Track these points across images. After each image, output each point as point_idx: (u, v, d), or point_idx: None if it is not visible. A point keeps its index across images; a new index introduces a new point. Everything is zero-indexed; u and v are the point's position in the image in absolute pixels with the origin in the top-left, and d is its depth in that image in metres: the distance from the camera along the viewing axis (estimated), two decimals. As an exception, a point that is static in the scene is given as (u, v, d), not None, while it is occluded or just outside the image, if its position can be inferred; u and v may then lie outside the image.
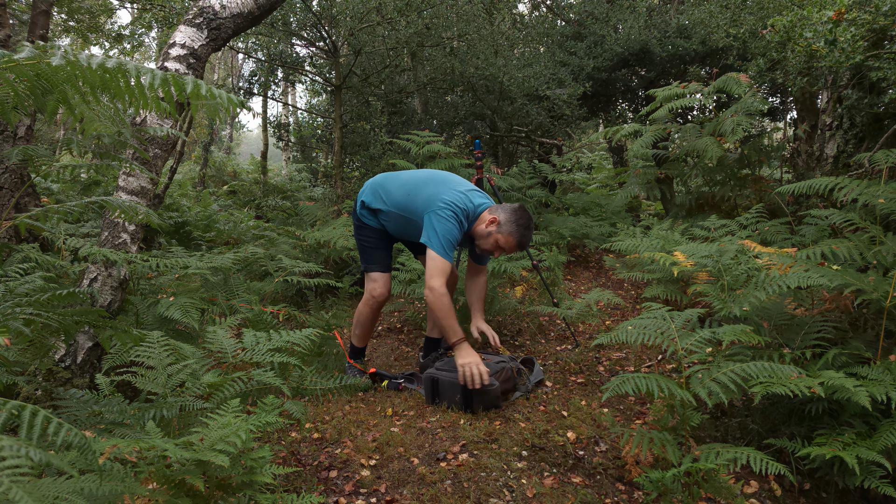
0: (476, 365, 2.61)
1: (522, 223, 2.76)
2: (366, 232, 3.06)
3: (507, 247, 2.77)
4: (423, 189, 2.82)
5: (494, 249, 2.80)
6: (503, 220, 2.76)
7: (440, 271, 2.67)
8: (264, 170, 13.83)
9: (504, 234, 2.75)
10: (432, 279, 2.67)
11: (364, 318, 3.12)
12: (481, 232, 2.80)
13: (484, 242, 2.80)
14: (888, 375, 1.97)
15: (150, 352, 1.96)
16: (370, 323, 3.14)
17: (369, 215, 3.03)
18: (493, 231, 2.77)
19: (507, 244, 2.76)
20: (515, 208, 2.79)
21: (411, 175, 2.97)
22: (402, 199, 2.89)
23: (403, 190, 2.90)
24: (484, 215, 2.81)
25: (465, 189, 2.84)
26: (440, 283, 2.67)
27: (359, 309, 3.13)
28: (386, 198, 2.94)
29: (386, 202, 2.94)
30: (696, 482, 1.93)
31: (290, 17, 7.30)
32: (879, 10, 3.25)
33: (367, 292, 3.09)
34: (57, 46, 1.17)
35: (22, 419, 0.94)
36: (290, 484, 2.09)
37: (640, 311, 3.07)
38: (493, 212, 2.80)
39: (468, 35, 6.90)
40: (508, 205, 2.83)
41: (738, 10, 6.07)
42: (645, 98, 8.10)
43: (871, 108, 4.33)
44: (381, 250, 3.07)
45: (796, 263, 2.41)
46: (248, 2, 2.97)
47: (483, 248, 2.83)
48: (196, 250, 5.55)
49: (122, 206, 1.92)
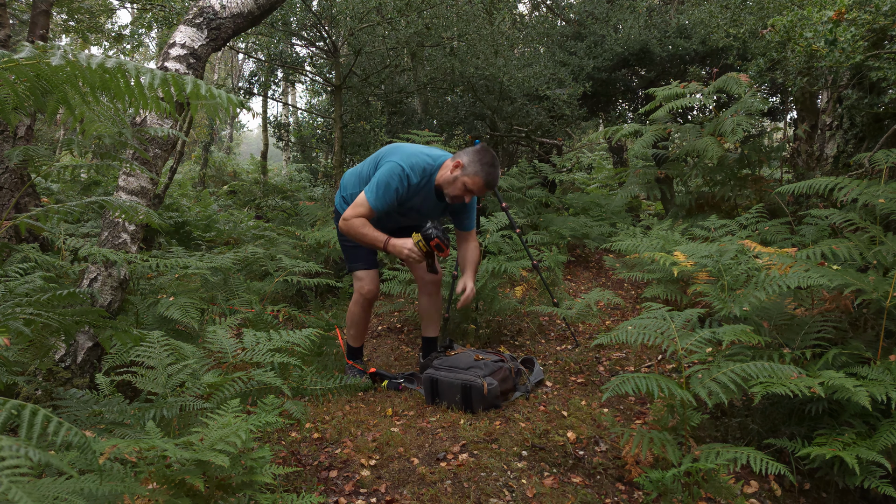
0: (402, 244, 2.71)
1: (487, 161, 2.73)
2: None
3: (475, 188, 2.73)
4: (388, 156, 2.82)
5: (464, 194, 2.76)
6: (467, 162, 2.72)
7: (356, 205, 2.73)
8: (264, 170, 13.84)
9: (470, 175, 2.72)
10: (347, 212, 2.74)
11: (356, 317, 3.11)
12: (447, 178, 2.77)
13: (452, 189, 2.77)
14: (888, 375, 1.97)
15: (150, 352, 1.96)
16: (363, 322, 3.14)
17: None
18: (458, 175, 2.74)
19: (474, 185, 2.72)
20: (478, 149, 2.76)
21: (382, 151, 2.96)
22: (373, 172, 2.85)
23: (374, 162, 2.88)
24: (447, 163, 2.80)
25: (426, 150, 2.84)
26: (351, 214, 2.73)
27: (350, 309, 3.12)
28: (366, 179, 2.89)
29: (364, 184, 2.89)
30: (696, 482, 1.93)
31: (290, 17, 7.29)
32: (879, 10, 3.25)
33: (355, 292, 3.08)
34: (57, 46, 1.17)
35: (22, 419, 0.94)
36: (290, 484, 2.09)
37: (640, 311, 3.07)
38: (455, 157, 2.77)
39: (468, 35, 6.90)
40: (471, 147, 2.78)
41: (738, 10, 6.07)
42: (645, 98, 8.09)
43: (871, 108, 4.33)
44: (363, 248, 3.02)
45: (796, 263, 2.41)
46: (248, 2, 2.96)
47: (452, 195, 2.79)
48: (196, 250, 5.55)
49: (123, 206, 1.92)
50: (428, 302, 3.21)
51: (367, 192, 2.74)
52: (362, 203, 2.74)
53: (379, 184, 2.72)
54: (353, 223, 2.75)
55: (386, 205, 2.74)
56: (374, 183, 2.73)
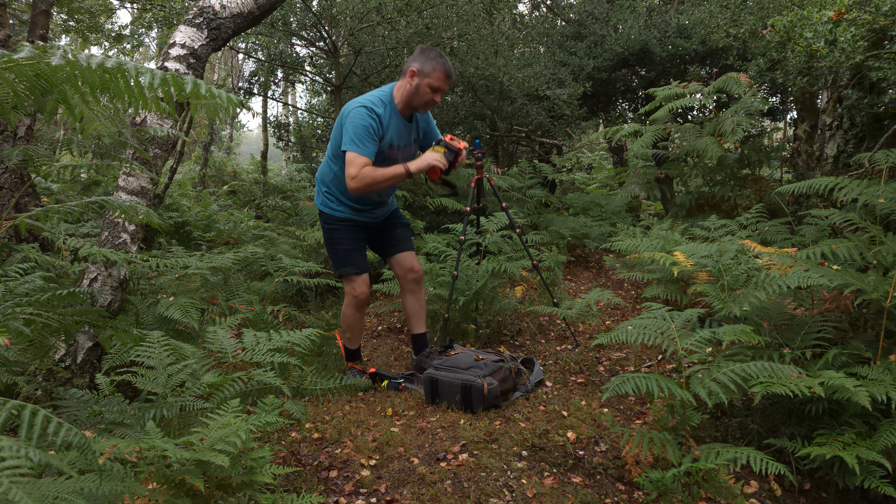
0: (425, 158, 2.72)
1: (434, 55, 2.73)
2: (338, 231, 2.97)
3: (440, 82, 2.73)
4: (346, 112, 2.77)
5: (432, 95, 2.75)
6: (420, 66, 2.71)
7: (350, 164, 2.65)
8: (264, 170, 13.83)
9: (428, 73, 2.71)
10: (347, 172, 2.65)
11: (351, 320, 3.08)
12: (409, 91, 2.75)
13: (418, 97, 2.76)
14: (888, 375, 1.97)
15: (150, 352, 1.96)
16: (359, 324, 3.12)
17: (334, 202, 2.94)
18: (418, 81, 2.73)
19: (438, 80, 2.72)
20: (421, 50, 2.76)
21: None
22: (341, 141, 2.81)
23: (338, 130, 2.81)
24: (399, 84, 2.79)
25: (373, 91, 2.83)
26: (355, 171, 2.65)
27: (344, 313, 3.08)
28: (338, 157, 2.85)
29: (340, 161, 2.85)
30: (696, 482, 1.93)
31: (290, 17, 7.29)
32: (879, 10, 3.25)
33: (347, 295, 3.03)
34: (56, 46, 1.17)
35: (22, 419, 0.94)
36: (290, 484, 2.09)
37: (640, 311, 3.07)
38: (404, 73, 2.76)
39: (468, 35, 6.89)
40: (414, 53, 2.78)
41: (738, 10, 6.07)
42: (645, 98, 8.09)
43: (871, 108, 4.33)
44: (355, 251, 3.01)
45: (796, 263, 2.41)
46: (248, 2, 2.96)
47: (423, 102, 2.78)
48: (196, 250, 5.55)
49: (123, 206, 1.92)
50: (412, 300, 3.21)
51: (349, 147, 2.66)
52: (352, 159, 2.65)
53: (356, 133, 2.66)
54: (363, 175, 2.65)
55: (371, 148, 2.69)
56: (350, 135, 2.67)
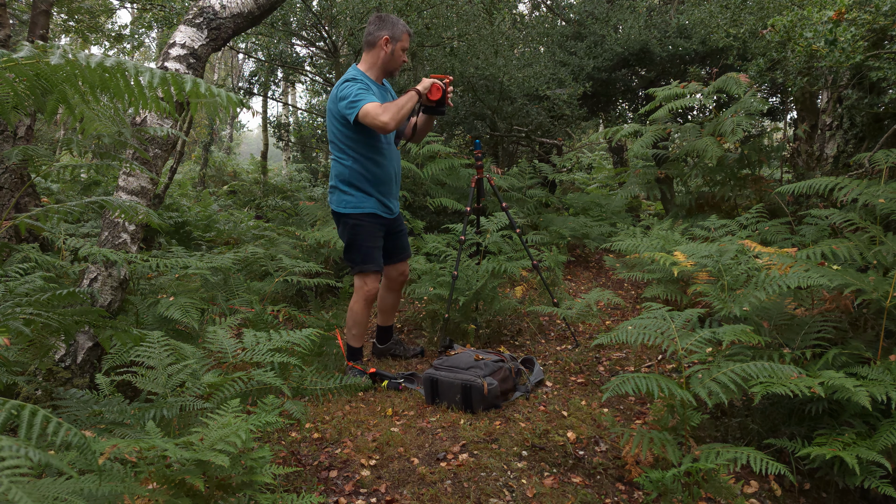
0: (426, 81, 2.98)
1: (394, 19, 3.04)
2: (363, 228, 3.06)
3: (407, 42, 3.07)
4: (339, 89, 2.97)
5: (402, 55, 3.06)
6: (390, 33, 3.00)
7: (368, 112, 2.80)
8: (264, 170, 13.83)
9: (398, 37, 3.01)
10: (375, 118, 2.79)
11: (360, 315, 3.11)
12: (385, 57, 3.03)
13: (394, 62, 3.07)
14: (888, 375, 1.97)
15: (150, 352, 1.96)
16: (366, 319, 3.17)
17: (358, 196, 3.05)
18: (393, 46, 3.02)
19: (406, 41, 3.05)
20: (379, 17, 3.04)
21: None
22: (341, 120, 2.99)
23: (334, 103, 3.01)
24: (368, 55, 3.05)
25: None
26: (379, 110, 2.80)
27: (353, 309, 3.10)
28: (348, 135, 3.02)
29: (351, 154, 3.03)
30: (696, 482, 1.93)
31: (290, 17, 7.29)
32: (879, 10, 3.25)
33: (359, 291, 3.08)
34: (56, 46, 1.16)
35: (21, 419, 0.94)
36: (290, 484, 2.09)
37: (640, 311, 3.07)
38: (373, 40, 3.02)
39: (468, 35, 6.89)
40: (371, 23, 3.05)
41: (738, 10, 6.06)
42: (645, 98, 8.08)
43: (871, 108, 4.33)
44: (376, 250, 3.12)
45: (796, 263, 2.41)
46: (248, 2, 2.96)
47: (398, 64, 3.08)
48: (196, 250, 5.55)
49: (122, 206, 1.92)
50: (392, 298, 3.40)
51: (357, 107, 2.83)
52: (368, 109, 2.80)
53: (355, 94, 2.85)
54: (386, 108, 2.81)
55: (373, 98, 2.87)
56: (350, 100, 2.85)
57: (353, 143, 2.99)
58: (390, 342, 3.50)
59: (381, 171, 3.07)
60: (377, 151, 3.05)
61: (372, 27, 3.02)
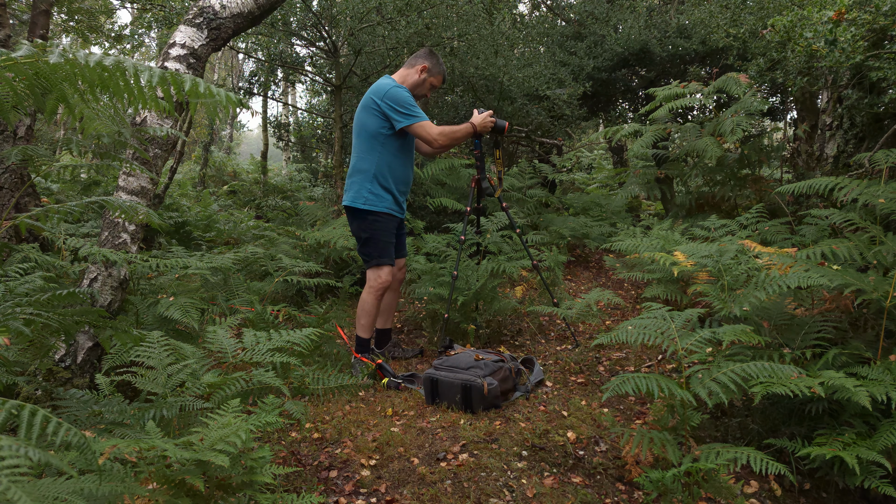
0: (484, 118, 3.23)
1: (439, 59, 3.28)
2: (381, 224, 3.18)
3: (438, 83, 3.30)
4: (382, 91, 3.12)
5: (428, 91, 3.29)
6: (430, 65, 3.24)
7: (422, 127, 3.08)
8: (264, 170, 13.82)
9: (434, 75, 3.26)
10: (427, 136, 3.08)
11: (370, 306, 3.20)
12: (416, 81, 3.24)
13: (421, 88, 3.27)
14: (888, 375, 1.97)
15: (150, 352, 1.96)
16: (376, 310, 3.24)
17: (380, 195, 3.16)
18: (426, 77, 3.25)
19: (438, 81, 3.30)
20: (429, 51, 3.28)
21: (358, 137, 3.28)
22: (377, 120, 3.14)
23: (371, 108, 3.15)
24: (404, 73, 3.25)
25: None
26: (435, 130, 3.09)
27: (364, 300, 3.20)
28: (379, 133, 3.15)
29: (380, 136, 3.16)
30: (696, 482, 1.93)
31: (290, 17, 7.28)
32: (879, 10, 3.24)
33: (372, 282, 3.18)
34: (56, 45, 1.16)
35: (21, 419, 0.93)
36: (290, 484, 2.09)
37: (640, 311, 3.07)
38: (414, 65, 3.24)
39: (468, 35, 6.88)
40: (421, 52, 3.28)
41: (738, 10, 6.06)
42: (645, 98, 8.09)
43: (871, 108, 4.33)
44: (391, 245, 3.24)
45: (796, 263, 2.41)
46: (248, 2, 2.96)
47: (421, 94, 3.28)
48: (196, 250, 5.54)
49: (122, 206, 1.92)
50: (392, 297, 3.48)
51: (411, 121, 3.06)
52: (422, 125, 3.07)
53: (410, 104, 3.08)
54: (444, 133, 3.09)
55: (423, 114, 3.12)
56: (405, 111, 3.06)
57: (387, 140, 3.15)
58: (388, 345, 3.58)
59: (404, 171, 3.24)
60: (406, 152, 3.23)
61: (421, 52, 3.28)
